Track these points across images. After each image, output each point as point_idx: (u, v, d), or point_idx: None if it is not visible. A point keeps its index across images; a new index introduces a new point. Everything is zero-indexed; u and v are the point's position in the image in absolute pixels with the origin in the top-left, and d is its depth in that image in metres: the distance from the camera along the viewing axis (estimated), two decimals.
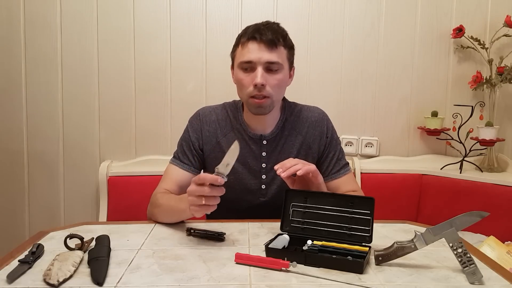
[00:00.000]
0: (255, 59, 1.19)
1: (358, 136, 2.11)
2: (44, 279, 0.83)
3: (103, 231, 1.07)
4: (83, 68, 2.01)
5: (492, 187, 1.84)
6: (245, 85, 1.23)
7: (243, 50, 1.22)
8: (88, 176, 2.05)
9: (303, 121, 1.34)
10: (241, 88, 1.25)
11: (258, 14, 2.03)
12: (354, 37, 2.06)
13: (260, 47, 1.19)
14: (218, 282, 0.84)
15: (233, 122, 1.34)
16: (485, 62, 2.02)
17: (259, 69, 1.19)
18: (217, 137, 1.33)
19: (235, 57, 1.27)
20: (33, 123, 2.03)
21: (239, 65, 1.23)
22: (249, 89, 1.22)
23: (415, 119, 2.11)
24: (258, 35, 1.20)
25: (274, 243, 0.98)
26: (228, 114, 1.35)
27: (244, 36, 1.23)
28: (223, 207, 1.32)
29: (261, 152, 1.31)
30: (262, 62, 1.19)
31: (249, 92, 1.22)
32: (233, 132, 1.32)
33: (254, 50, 1.20)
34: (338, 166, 1.34)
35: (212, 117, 1.34)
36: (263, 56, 1.19)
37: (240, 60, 1.23)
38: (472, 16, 2.05)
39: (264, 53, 1.19)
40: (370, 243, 0.98)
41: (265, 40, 1.19)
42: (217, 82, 2.04)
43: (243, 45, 1.22)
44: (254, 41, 1.20)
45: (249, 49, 1.20)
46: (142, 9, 2.00)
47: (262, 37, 1.19)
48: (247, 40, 1.21)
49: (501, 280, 0.86)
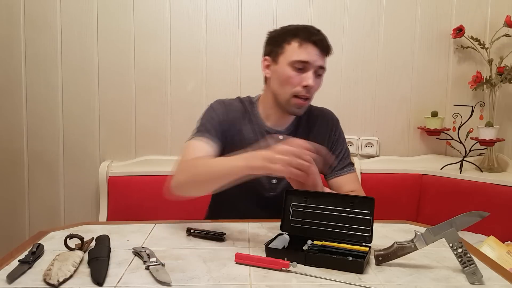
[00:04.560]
0: (312, 61, 1.23)
1: (358, 136, 2.11)
2: (44, 279, 0.83)
3: (103, 231, 1.07)
4: (83, 68, 2.01)
5: (492, 187, 1.83)
6: (293, 83, 1.24)
7: (300, 50, 1.23)
8: (88, 176, 2.05)
9: (314, 120, 1.38)
10: (284, 85, 1.25)
11: (258, 14, 2.03)
12: (354, 37, 2.07)
13: (317, 52, 1.24)
14: (218, 282, 0.84)
15: (250, 115, 1.35)
16: (485, 62, 2.02)
17: (312, 71, 1.23)
18: (239, 123, 1.33)
19: (284, 53, 1.26)
20: (33, 123, 2.03)
21: (292, 63, 1.24)
22: (296, 88, 1.24)
23: (415, 119, 2.11)
24: (319, 41, 1.24)
25: (274, 243, 0.98)
26: (245, 106, 1.36)
27: (299, 36, 1.24)
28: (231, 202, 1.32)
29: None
30: (315, 65, 1.24)
31: (295, 91, 1.24)
32: (250, 125, 1.33)
33: (312, 53, 1.23)
34: (342, 164, 1.36)
35: (233, 107, 1.35)
36: (318, 61, 1.24)
37: (296, 58, 1.23)
38: (472, 16, 2.05)
39: (319, 58, 1.25)
40: (370, 243, 0.98)
41: (322, 46, 1.24)
42: (217, 82, 2.04)
43: (301, 45, 1.24)
44: (314, 45, 1.24)
45: (308, 50, 1.23)
46: (142, 9, 2.00)
47: (321, 43, 1.24)
48: (306, 41, 1.23)
49: (501, 280, 0.86)
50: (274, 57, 1.28)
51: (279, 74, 1.26)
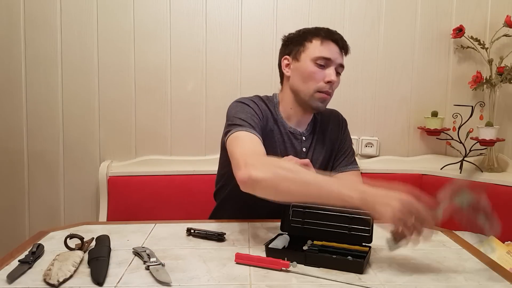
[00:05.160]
0: (333, 58, 1.28)
1: (358, 136, 2.11)
2: (44, 279, 0.83)
3: (103, 231, 1.07)
4: (83, 68, 2.01)
5: (492, 187, 1.83)
6: (316, 78, 1.27)
7: (322, 46, 1.28)
8: (88, 176, 2.05)
9: (327, 120, 1.42)
10: (308, 81, 1.28)
11: (258, 14, 2.03)
12: (354, 37, 2.06)
13: (338, 50, 1.29)
14: (218, 282, 0.84)
15: (274, 115, 1.34)
16: (485, 62, 2.02)
17: (333, 68, 1.28)
18: (270, 124, 1.31)
19: (306, 51, 1.29)
20: (33, 123, 2.02)
21: (315, 59, 1.27)
22: (319, 83, 1.27)
23: (415, 119, 2.11)
24: (340, 39, 1.29)
25: (274, 243, 0.98)
26: (267, 106, 1.33)
27: (323, 35, 1.29)
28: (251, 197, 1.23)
29: (302, 147, 1.34)
30: (337, 63, 1.29)
31: (319, 87, 1.27)
32: (275, 124, 1.32)
33: (333, 51, 1.28)
34: (347, 161, 1.40)
35: (262, 106, 1.31)
36: (339, 58, 1.29)
37: (319, 55, 1.27)
38: (472, 16, 2.05)
39: (340, 55, 1.30)
40: (370, 243, 0.98)
41: (342, 44, 1.30)
42: (217, 82, 2.04)
43: (323, 43, 1.28)
44: (334, 43, 1.29)
45: (330, 48, 1.28)
46: (142, 8, 2.00)
47: (341, 42, 1.30)
48: (328, 39, 1.28)
49: (501, 280, 0.86)
50: (295, 55, 1.31)
51: (302, 70, 1.28)
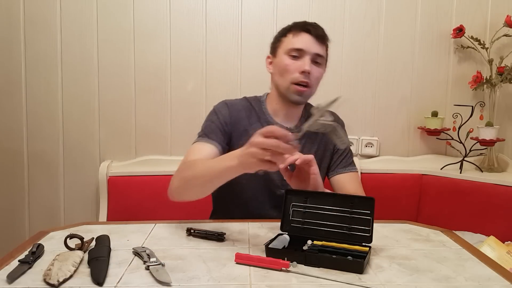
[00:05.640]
0: (306, 48, 1.27)
1: (358, 136, 2.11)
2: (44, 279, 0.83)
3: (103, 231, 1.07)
4: (83, 68, 2.01)
5: (492, 187, 1.83)
6: (290, 70, 1.27)
7: (294, 38, 1.28)
8: (88, 176, 2.05)
9: None
10: (283, 74, 1.28)
11: (258, 14, 2.03)
12: (354, 37, 2.06)
13: (311, 39, 1.28)
14: (218, 282, 0.83)
15: (259, 113, 1.35)
16: (485, 62, 2.02)
17: (308, 58, 1.26)
18: (244, 124, 1.32)
19: (281, 45, 1.31)
20: (33, 123, 2.02)
21: (288, 52, 1.28)
22: (294, 75, 1.27)
23: (415, 119, 2.11)
24: (312, 28, 1.28)
25: (274, 243, 0.98)
26: (252, 106, 1.36)
27: (295, 27, 1.30)
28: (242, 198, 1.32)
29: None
30: (311, 52, 1.27)
31: (293, 78, 1.26)
32: (259, 123, 1.32)
33: (306, 40, 1.27)
34: (345, 163, 1.39)
35: (239, 107, 1.35)
36: (313, 47, 1.27)
37: (291, 47, 1.28)
38: (472, 16, 2.05)
39: (315, 45, 1.28)
40: (370, 243, 0.98)
41: (316, 34, 1.28)
42: (217, 82, 2.04)
43: (295, 34, 1.29)
44: (307, 33, 1.28)
45: (302, 38, 1.27)
46: (142, 8, 2.00)
47: (315, 31, 1.28)
48: (300, 30, 1.29)
49: (501, 280, 0.86)
50: (274, 52, 1.34)
51: (278, 65, 1.30)
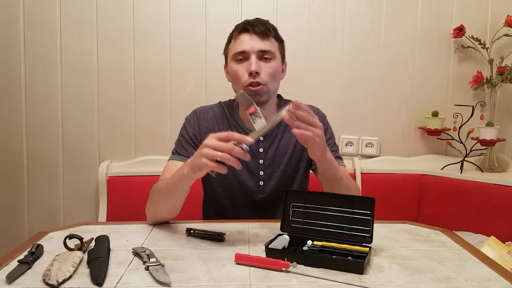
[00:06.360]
0: (248, 48, 1.23)
1: (359, 136, 2.11)
2: (44, 279, 0.83)
3: (103, 231, 1.07)
4: (83, 68, 2.01)
5: (492, 187, 1.83)
6: (239, 75, 1.24)
7: (235, 42, 1.26)
8: (88, 176, 2.04)
9: None
10: (236, 80, 1.27)
11: (258, 14, 2.00)
12: (354, 37, 2.06)
13: (252, 38, 1.24)
14: (218, 282, 0.83)
15: (229, 119, 1.34)
16: (486, 62, 2.02)
17: (253, 57, 1.22)
18: (215, 131, 1.31)
19: (228, 53, 1.30)
20: (33, 123, 2.02)
21: (233, 57, 1.26)
22: (244, 78, 1.24)
23: (415, 119, 2.11)
24: (250, 27, 1.24)
25: (274, 244, 0.98)
26: (224, 111, 1.35)
27: (235, 31, 1.28)
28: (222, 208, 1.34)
29: (258, 148, 1.31)
30: (255, 51, 1.23)
31: (244, 81, 1.23)
32: (230, 129, 1.31)
33: (246, 41, 1.24)
34: None
35: (209, 114, 1.35)
36: (255, 45, 1.23)
37: (234, 52, 1.26)
38: (473, 15, 2.05)
39: (257, 42, 1.23)
40: (370, 243, 0.98)
41: (257, 31, 1.24)
42: (217, 82, 2.04)
43: (235, 38, 1.26)
44: (246, 33, 1.24)
45: (242, 40, 1.25)
46: (142, 9, 2.00)
47: (254, 28, 1.24)
48: (239, 33, 1.26)
49: (501, 281, 0.86)
50: (226, 61, 1.33)
51: (230, 72, 1.29)
